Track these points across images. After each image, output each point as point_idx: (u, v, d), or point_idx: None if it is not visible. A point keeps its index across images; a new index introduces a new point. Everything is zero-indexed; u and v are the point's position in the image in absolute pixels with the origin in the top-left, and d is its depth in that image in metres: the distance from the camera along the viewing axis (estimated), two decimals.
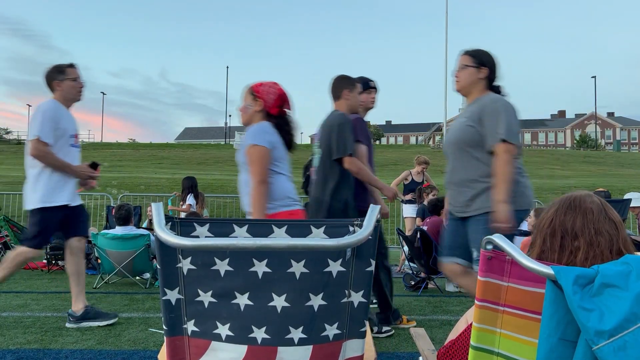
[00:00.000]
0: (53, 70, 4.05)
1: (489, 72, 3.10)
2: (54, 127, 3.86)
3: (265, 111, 3.00)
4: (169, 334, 1.43)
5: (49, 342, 3.70)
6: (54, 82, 4.02)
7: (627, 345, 1.03)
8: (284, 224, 1.43)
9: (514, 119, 2.95)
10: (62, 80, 4.01)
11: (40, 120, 3.81)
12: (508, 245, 1.19)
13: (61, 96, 4.02)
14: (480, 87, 3.12)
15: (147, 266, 6.28)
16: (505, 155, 2.88)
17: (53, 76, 4.03)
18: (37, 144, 3.77)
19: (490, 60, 3.15)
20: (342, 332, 1.47)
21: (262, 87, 3.02)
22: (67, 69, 4.06)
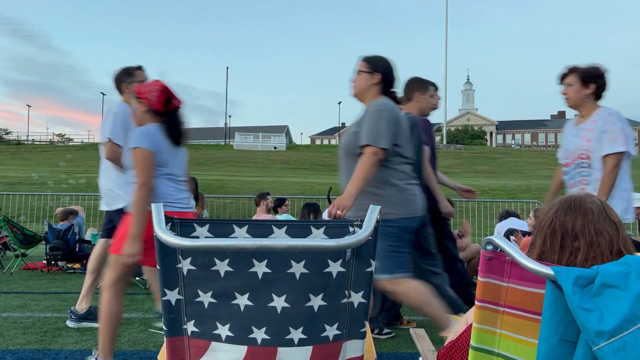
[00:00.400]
0: (122, 73, 4.09)
1: (382, 77, 3.11)
2: (125, 129, 3.90)
3: (152, 110, 3.02)
4: (168, 334, 1.43)
5: (48, 343, 3.70)
6: (123, 84, 4.06)
7: (627, 345, 1.03)
8: (284, 225, 1.43)
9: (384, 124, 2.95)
10: (131, 82, 4.04)
11: (112, 122, 3.87)
12: (508, 246, 1.19)
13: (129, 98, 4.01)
14: (373, 93, 3.12)
15: None
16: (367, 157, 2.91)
17: (122, 78, 4.07)
18: (111, 146, 3.84)
19: (385, 66, 3.16)
20: (342, 332, 1.47)
21: (144, 87, 3.07)
22: (136, 71, 4.09)
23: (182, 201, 3.05)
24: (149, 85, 3.05)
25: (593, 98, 3.51)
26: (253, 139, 55.52)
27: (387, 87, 3.14)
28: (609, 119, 3.39)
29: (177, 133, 3.01)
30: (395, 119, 2.98)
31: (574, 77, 3.52)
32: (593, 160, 3.44)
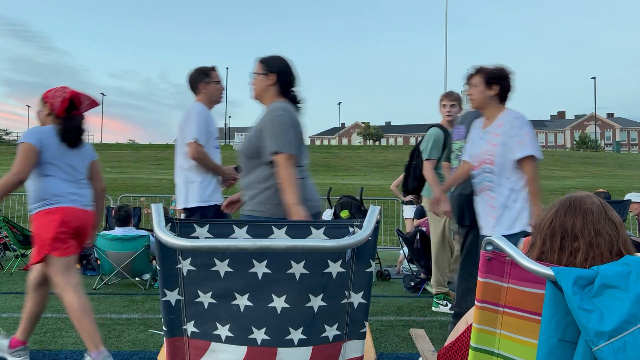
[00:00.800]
0: (199, 73, 4.14)
1: (277, 78, 3.12)
2: (206, 129, 3.98)
3: (54, 114, 3.24)
4: (168, 335, 1.43)
5: (48, 343, 3.70)
6: (200, 84, 4.11)
7: (626, 346, 1.03)
8: (283, 225, 1.43)
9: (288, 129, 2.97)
10: (208, 82, 4.11)
11: (195, 123, 3.93)
12: (508, 246, 1.19)
13: (205, 98, 4.12)
14: (271, 94, 3.14)
15: (147, 267, 6.28)
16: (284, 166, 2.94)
17: (199, 78, 4.12)
18: (196, 146, 3.90)
19: (280, 66, 3.18)
20: (342, 333, 1.47)
21: (51, 92, 3.27)
22: (212, 72, 4.16)
23: (77, 197, 3.25)
24: (56, 91, 3.27)
25: (497, 100, 3.51)
26: None
27: (284, 87, 3.17)
28: (514, 123, 3.41)
29: (72, 136, 3.22)
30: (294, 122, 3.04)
31: (479, 78, 3.53)
32: (496, 165, 3.45)
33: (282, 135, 2.95)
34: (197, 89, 4.13)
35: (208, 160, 3.98)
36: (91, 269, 7.38)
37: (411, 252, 6.37)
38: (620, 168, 38.37)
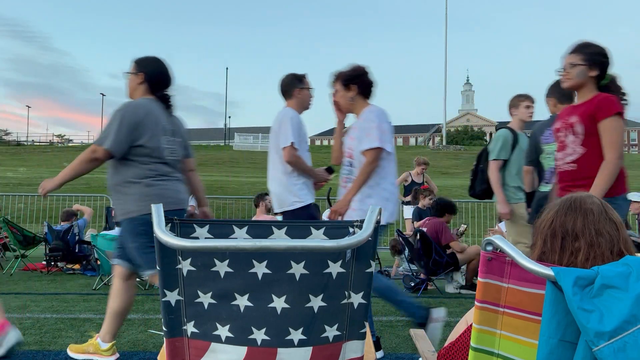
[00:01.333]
0: (293, 79, 4.24)
1: (145, 77, 3.25)
2: (299, 133, 4.07)
3: None
4: (168, 335, 1.43)
5: (48, 344, 3.70)
6: (295, 89, 4.19)
7: (627, 346, 1.03)
8: (284, 225, 1.43)
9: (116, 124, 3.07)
10: (302, 88, 4.20)
11: (290, 127, 4.01)
12: (508, 247, 1.19)
13: (297, 104, 4.20)
14: (139, 93, 3.27)
15: None
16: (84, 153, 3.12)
17: (294, 84, 4.21)
18: (291, 150, 3.99)
19: (150, 66, 3.30)
20: (342, 333, 1.47)
21: None
22: (304, 78, 4.26)
23: None
24: None
25: (360, 98, 3.56)
26: (253, 139, 55.51)
27: (154, 87, 3.27)
28: (368, 117, 3.46)
29: None
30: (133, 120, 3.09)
31: (338, 83, 3.59)
32: (355, 159, 3.51)
33: (105, 129, 3.06)
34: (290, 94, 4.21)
35: (303, 163, 4.08)
36: (91, 269, 7.38)
37: (411, 253, 6.37)
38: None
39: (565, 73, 3.11)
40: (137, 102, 3.16)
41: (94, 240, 6.20)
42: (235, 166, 36.35)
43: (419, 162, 8.78)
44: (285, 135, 4.00)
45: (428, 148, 55.09)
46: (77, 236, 7.51)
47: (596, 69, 3.05)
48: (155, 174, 3.18)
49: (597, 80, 3.08)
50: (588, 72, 3.05)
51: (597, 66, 3.05)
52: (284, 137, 4.00)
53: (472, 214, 12.47)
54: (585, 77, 3.06)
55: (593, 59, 3.05)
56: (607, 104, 2.98)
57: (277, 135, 4.06)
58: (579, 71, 3.06)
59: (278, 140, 4.05)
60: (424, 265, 6.08)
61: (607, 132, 2.96)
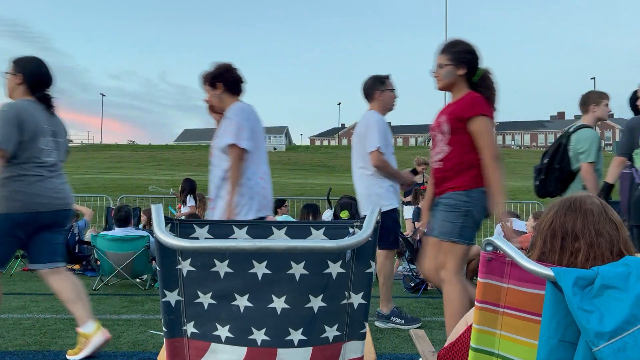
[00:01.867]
0: (375, 81, 4.22)
1: (24, 77, 3.27)
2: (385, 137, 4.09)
3: None
4: (168, 335, 1.43)
5: (48, 344, 3.70)
6: (376, 92, 4.18)
7: (627, 346, 1.03)
8: (283, 226, 1.43)
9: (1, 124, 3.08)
10: (383, 90, 4.18)
11: (376, 131, 4.02)
12: (508, 247, 1.19)
13: (380, 106, 4.19)
14: (19, 93, 3.29)
15: (147, 268, 6.28)
16: None
17: (375, 86, 4.20)
18: (378, 155, 4.01)
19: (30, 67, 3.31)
20: (342, 333, 1.47)
21: None
22: (386, 80, 4.23)
23: None
24: None
25: (228, 95, 3.56)
26: None
27: (33, 87, 3.29)
28: (228, 113, 3.47)
29: None
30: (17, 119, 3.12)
31: (206, 84, 3.61)
32: (214, 157, 3.54)
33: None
34: (372, 97, 4.20)
35: (389, 167, 4.08)
36: (91, 269, 7.38)
37: (411, 253, 6.37)
38: None
39: (436, 74, 3.14)
40: (14, 104, 3.18)
41: (94, 241, 6.19)
42: None
43: (419, 162, 8.80)
44: (371, 139, 4.00)
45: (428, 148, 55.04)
46: (77, 236, 7.51)
47: (464, 67, 3.06)
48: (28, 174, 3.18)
49: (467, 78, 3.09)
50: (456, 71, 3.06)
51: (465, 64, 3.06)
52: (371, 142, 3.99)
53: None
54: (454, 76, 3.07)
55: (459, 57, 3.06)
56: (471, 104, 3.00)
57: (363, 139, 4.05)
58: (447, 71, 3.08)
59: (364, 144, 4.04)
60: None
61: (476, 135, 2.98)
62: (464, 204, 2.99)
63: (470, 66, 3.06)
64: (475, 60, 3.08)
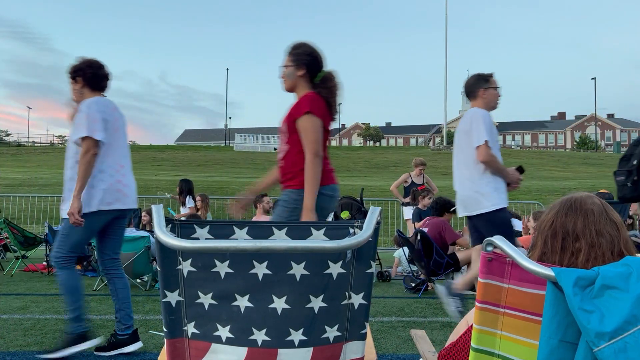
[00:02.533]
0: (478, 79, 4.19)
1: None
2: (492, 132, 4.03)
3: None
4: (169, 336, 1.43)
5: (49, 345, 3.69)
6: (480, 90, 4.15)
7: (627, 347, 1.03)
8: (284, 226, 1.43)
9: None
10: (487, 88, 4.14)
11: (483, 125, 3.96)
12: (508, 247, 1.19)
13: (483, 104, 4.14)
14: None
15: (147, 268, 6.28)
16: None
17: (479, 84, 4.17)
18: (486, 149, 3.93)
19: None
20: (342, 334, 1.47)
21: None
22: (490, 77, 4.20)
23: None
24: None
25: (88, 90, 3.57)
26: (253, 140, 55.53)
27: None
28: (81, 107, 3.47)
29: None
30: None
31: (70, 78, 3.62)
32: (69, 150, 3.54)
33: None
34: (476, 95, 4.15)
35: (498, 162, 3.99)
36: (92, 270, 7.38)
37: (412, 253, 6.37)
38: None
39: (282, 76, 3.21)
40: None
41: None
42: (236, 167, 36.37)
43: (417, 162, 8.81)
44: (478, 133, 3.92)
45: (429, 148, 55.08)
46: None
47: (303, 69, 3.12)
48: None
49: (310, 80, 3.15)
50: (296, 73, 3.13)
51: (305, 66, 3.12)
52: (477, 136, 3.91)
53: None
54: (295, 77, 3.14)
55: (299, 59, 3.13)
56: (300, 104, 3.06)
57: (468, 134, 3.97)
58: (289, 72, 3.16)
59: (469, 140, 3.96)
60: (424, 265, 6.08)
61: (301, 132, 3.03)
62: (294, 202, 3.01)
63: (310, 68, 3.13)
64: (315, 62, 3.15)
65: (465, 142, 4.03)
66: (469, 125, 4.01)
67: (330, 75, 3.16)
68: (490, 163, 3.93)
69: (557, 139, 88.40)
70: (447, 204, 6.57)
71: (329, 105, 3.08)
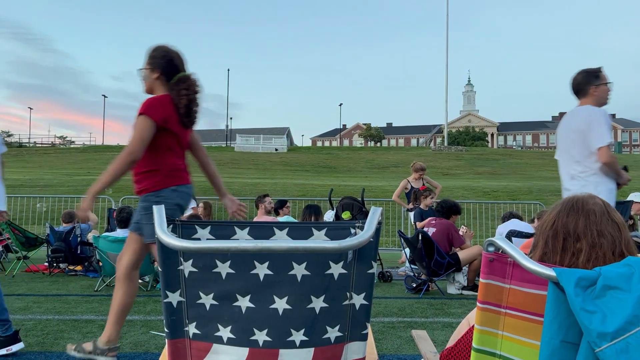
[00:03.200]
0: (588, 75, 4.08)
1: None
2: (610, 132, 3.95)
3: None
4: (170, 336, 1.43)
5: (50, 345, 3.70)
6: (591, 87, 4.05)
7: (629, 347, 1.02)
8: (285, 227, 1.43)
9: None
10: (598, 85, 4.05)
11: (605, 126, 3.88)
12: (510, 248, 1.19)
13: (594, 101, 4.05)
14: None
15: (148, 269, 6.28)
16: None
17: (590, 81, 4.06)
18: (608, 151, 3.86)
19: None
20: (343, 334, 1.47)
21: None
22: (600, 73, 4.09)
23: None
24: None
25: None
26: (254, 141, 55.54)
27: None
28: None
29: None
30: None
31: None
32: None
33: None
34: (586, 92, 4.04)
35: (617, 164, 3.91)
36: (93, 270, 7.38)
37: (413, 254, 6.36)
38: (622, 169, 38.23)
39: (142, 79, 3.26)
40: None
41: (96, 242, 6.20)
42: (237, 167, 36.38)
43: (415, 168, 8.58)
44: (600, 135, 3.82)
45: (430, 149, 55.07)
46: (79, 237, 7.52)
47: (158, 71, 3.17)
48: None
49: (165, 81, 3.18)
50: (152, 75, 3.18)
51: (159, 69, 3.16)
52: (599, 137, 3.81)
53: (473, 214, 12.45)
54: (151, 79, 3.19)
55: (154, 62, 3.18)
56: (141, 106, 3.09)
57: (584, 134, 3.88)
58: (145, 75, 3.21)
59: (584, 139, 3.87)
60: (425, 266, 6.07)
61: (133, 129, 3.06)
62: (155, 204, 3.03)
63: (165, 70, 3.17)
64: (170, 65, 3.18)
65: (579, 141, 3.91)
66: (586, 125, 3.88)
67: (185, 78, 3.18)
68: (611, 165, 3.86)
69: None
70: (453, 207, 6.57)
71: (178, 107, 3.10)
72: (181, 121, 3.13)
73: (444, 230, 6.23)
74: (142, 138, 2.99)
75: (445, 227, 6.27)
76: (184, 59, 3.24)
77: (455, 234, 6.26)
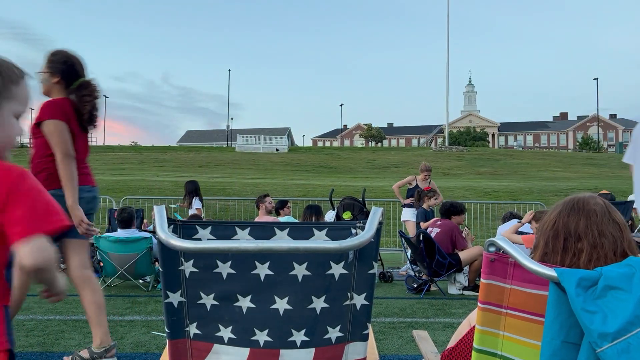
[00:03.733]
0: None
1: None
2: None
3: None
4: (171, 337, 1.43)
5: (51, 345, 3.70)
6: None
7: (630, 347, 1.02)
8: (286, 227, 1.43)
9: None
10: None
11: None
12: (511, 248, 1.19)
13: None
14: None
15: (149, 269, 6.28)
16: None
17: None
18: None
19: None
20: (344, 334, 1.47)
21: None
22: None
23: None
24: None
25: None
26: (255, 141, 55.55)
27: None
28: None
29: None
30: None
31: None
32: None
33: None
34: None
35: None
36: (94, 270, 7.39)
37: (414, 254, 6.36)
38: (623, 169, 38.23)
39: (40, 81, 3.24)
40: None
41: (97, 242, 6.20)
42: (238, 167, 36.38)
43: (422, 168, 8.65)
44: None
45: (430, 149, 55.03)
46: None
47: (57, 76, 3.17)
48: None
49: (65, 86, 3.18)
50: (51, 79, 3.17)
51: (59, 73, 3.17)
52: None
53: (474, 215, 12.44)
54: (50, 83, 3.18)
55: (54, 66, 3.18)
56: (41, 110, 3.10)
57: None
58: (44, 78, 3.20)
59: None
60: (426, 266, 6.07)
61: (48, 137, 3.06)
62: None
63: (65, 75, 3.18)
64: (70, 70, 3.20)
65: None
66: None
67: (86, 83, 3.20)
68: None
69: (559, 140, 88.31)
70: (452, 207, 6.58)
71: (81, 112, 3.12)
72: (81, 125, 3.16)
73: (447, 231, 6.25)
74: (64, 139, 3.03)
75: (449, 228, 6.29)
76: (85, 64, 3.27)
77: (458, 236, 6.29)
